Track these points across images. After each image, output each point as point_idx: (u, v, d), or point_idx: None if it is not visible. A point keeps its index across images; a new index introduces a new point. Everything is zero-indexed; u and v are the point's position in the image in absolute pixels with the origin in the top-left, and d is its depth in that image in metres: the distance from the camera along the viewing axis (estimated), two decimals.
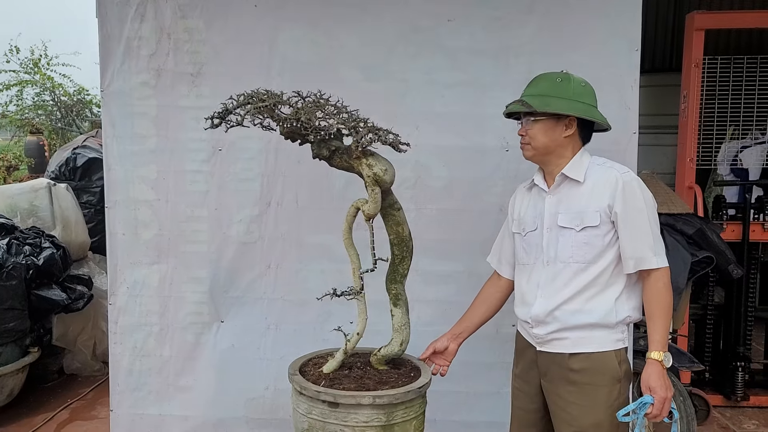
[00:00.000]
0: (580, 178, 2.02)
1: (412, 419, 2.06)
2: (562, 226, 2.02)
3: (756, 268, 4.00)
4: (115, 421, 3.10)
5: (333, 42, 2.89)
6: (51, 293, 4.09)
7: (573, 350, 2.02)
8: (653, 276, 1.97)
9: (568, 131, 2.03)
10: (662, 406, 1.90)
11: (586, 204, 2.00)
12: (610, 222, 1.98)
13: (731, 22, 4.15)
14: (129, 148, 2.98)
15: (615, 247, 2.00)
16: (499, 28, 2.85)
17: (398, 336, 2.21)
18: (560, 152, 2.05)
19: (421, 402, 2.13)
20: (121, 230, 3.02)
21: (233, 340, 3.04)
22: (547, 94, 2.02)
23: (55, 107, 11.06)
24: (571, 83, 2.03)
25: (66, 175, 5.57)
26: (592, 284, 2.00)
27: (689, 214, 3.33)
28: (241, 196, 2.97)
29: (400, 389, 2.03)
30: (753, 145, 4.84)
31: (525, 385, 2.20)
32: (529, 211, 2.14)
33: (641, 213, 1.96)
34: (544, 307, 2.05)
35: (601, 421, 1.99)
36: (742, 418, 3.93)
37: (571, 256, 2.01)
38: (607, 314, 2.00)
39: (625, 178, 1.98)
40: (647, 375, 1.94)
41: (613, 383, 2.01)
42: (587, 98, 2.05)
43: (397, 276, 2.22)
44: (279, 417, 3.00)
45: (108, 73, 2.95)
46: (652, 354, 1.95)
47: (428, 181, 2.92)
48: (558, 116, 2.01)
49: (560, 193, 2.06)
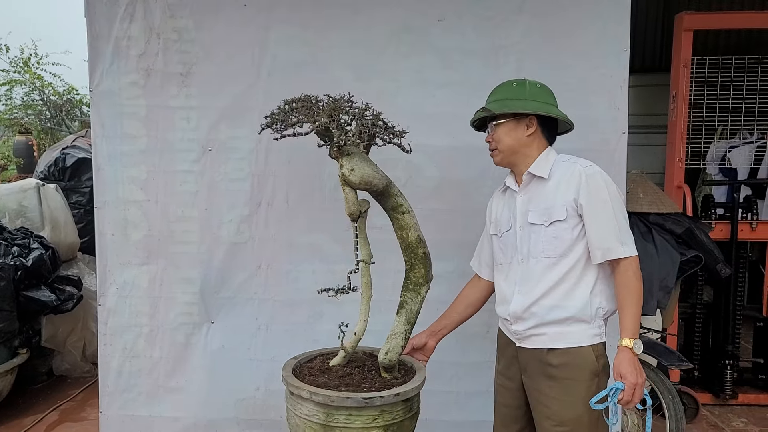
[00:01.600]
0: (545, 174, 2.09)
1: (360, 428, 1.99)
2: (532, 222, 2.09)
3: (744, 267, 4.03)
4: (105, 423, 3.08)
5: (324, 42, 2.89)
6: (40, 294, 4.06)
7: (551, 345, 2.06)
8: (622, 265, 2.01)
9: (529, 130, 2.10)
10: (633, 392, 1.93)
11: (552, 199, 2.06)
12: (578, 215, 2.04)
13: (720, 23, 4.18)
14: (118, 148, 2.97)
15: (584, 240, 2.05)
16: (489, 28, 2.86)
17: (386, 345, 2.17)
18: (525, 152, 2.12)
19: (378, 414, 2.00)
20: (111, 231, 3.01)
21: (224, 341, 3.03)
22: (504, 98, 2.12)
23: (45, 107, 10.98)
24: (527, 86, 2.13)
25: (55, 175, 5.53)
26: (566, 278, 2.05)
27: (678, 214, 3.35)
28: (232, 197, 2.97)
29: (338, 393, 1.97)
30: (741, 145, 4.88)
31: (507, 381, 2.24)
32: (504, 213, 2.22)
33: (605, 204, 2.01)
34: (521, 304, 2.10)
35: (580, 415, 2.03)
36: (731, 416, 3.95)
37: (542, 251, 2.07)
38: (583, 308, 2.04)
39: (588, 171, 2.04)
40: (618, 362, 1.97)
41: (591, 377, 2.04)
42: (544, 97, 2.13)
43: (409, 283, 2.19)
44: (270, 418, 3.00)
45: (97, 72, 2.93)
46: (622, 341, 1.98)
47: (419, 182, 2.92)
48: (518, 117, 2.09)
49: (530, 192, 2.13)
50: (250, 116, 2.91)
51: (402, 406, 2.04)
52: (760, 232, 4.00)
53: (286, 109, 2.04)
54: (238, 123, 2.93)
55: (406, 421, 2.07)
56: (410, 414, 2.09)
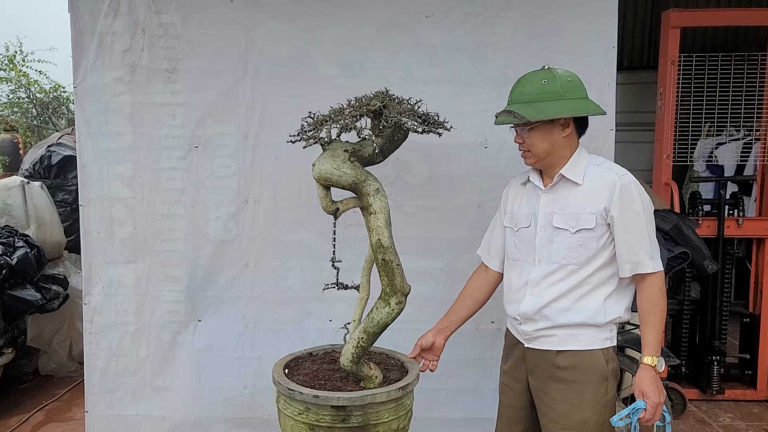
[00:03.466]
0: (579, 179, 1.99)
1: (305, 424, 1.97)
2: (557, 226, 1.99)
3: (731, 264, 4.05)
4: (91, 423, 3.06)
5: (311, 38, 2.87)
6: (25, 293, 4.00)
7: (560, 347, 2.01)
8: (648, 280, 1.96)
9: (566, 131, 1.99)
10: (654, 411, 1.91)
11: (582, 206, 1.97)
12: (606, 224, 1.96)
13: (707, 20, 4.20)
14: (103, 145, 2.94)
15: (609, 249, 1.98)
16: (477, 25, 2.85)
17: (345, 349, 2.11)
18: (560, 153, 2.00)
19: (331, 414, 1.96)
20: (96, 228, 2.98)
21: (211, 339, 3.01)
22: (536, 100, 1.96)
23: (31, 104, 10.87)
24: (558, 81, 1.97)
25: (40, 173, 5.46)
26: (583, 284, 1.99)
27: (666, 210, 3.36)
28: (218, 194, 2.95)
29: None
30: (728, 142, 4.91)
31: (513, 381, 2.18)
32: (522, 207, 2.11)
33: (638, 217, 1.94)
34: (533, 305, 2.03)
35: (587, 419, 1.99)
36: (718, 411, 3.98)
37: (564, 257, 1.98)
38: (596, 314, 1.98)
39: (623, 181, 1.95)
40: (640, 380, 1.94)
41: (600, 381, 2.00)
42: (577, 92, 1.99)
43: (382, 291, 2.06)
44: (257, 416, 2.99)
45: (81, 69, 2.90)
46: (644, 359, 1.94)
47: (407, 179, 2.91)
48: (552, 119, 1.96)
49: (556, 193, 2.03)
50: (237, 113, 2.89)
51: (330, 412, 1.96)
52: (747, 229, 4.02)
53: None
54: (225, 119, 2.91)
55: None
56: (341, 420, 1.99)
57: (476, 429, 2.92)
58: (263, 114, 2.89)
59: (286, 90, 2.87)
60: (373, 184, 2.02)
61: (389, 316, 2.04)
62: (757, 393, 4.13)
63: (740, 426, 3.77)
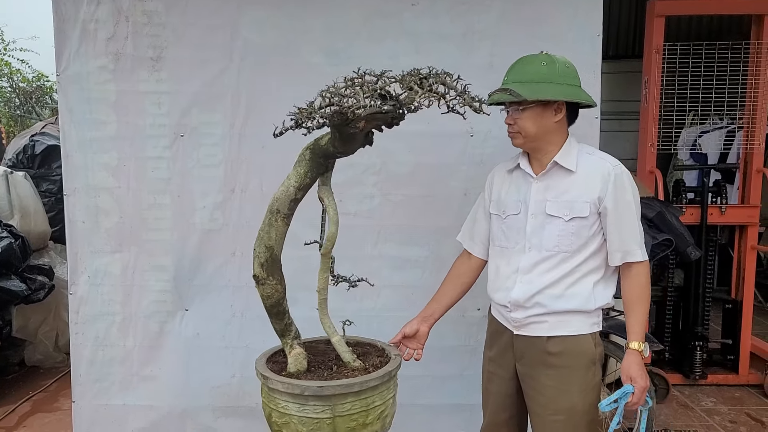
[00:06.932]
0: (573, 167, 2.00)
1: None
2: (550, 214, 2.00)
3: (714, 250, 4.11)
4: (78, 413, 3.05)
5: (297, 25, 2.85)
6: (10, 284, 3.99)
7: (551, 333, 2.03)
8: (635, 269, 2.00)
9: (558, 116, 2.00)
10: (641, 395, 1.95)
11: (577, 194, 1.98)
12: (597, 213, 1.99)
13: (691, 9, 4.22)
14: (88, 134, 2.91)
15: (599, 237, 2.01)
16: (462, 13, 2.85)
17: None
18: (550, 138, 2.01)
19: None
20: (82, 218, 2.95)
21: (198, 329, 3.01)
22: (534, 80, 1.95)
23: (14, 94, 10.74)
24: (557, 66, 1.98)
25: (24, 162, 5.43)
26: (574, 271, 2.01)
27: (650, 198, 3.40)
28: (205, 183, 2.93)
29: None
30: (712, 131, 4.96)
31: (499, 368, 2.19)
32: (511, 194, 2.11)
33: (630, 207, 1.97)
34: (524, 292, 2.04)
35: (575, 403, 2.02)
36: (701, 395, 4.04)
37: (556, 245, 2.00)
38: (586, 300, 2.01)
39: (616, 171, 1.98)
40: (627, 365, 1.98)
41: (588, 366, 2.03)
42: (573, 80, 2.00)
43: None
44: (245, 405, 2.99)
45: (64, 57, 2.86)
46: (631, 344, 1.98)
47: (393, 167, 2.91)
48: (546, 102, 1.97)
49: (549, 180, 2.03)
50: (223, 101, 2.87)
51: None
52: (729, 216, 4.07)
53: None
54: (211, 108, 2.89)
55: None
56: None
57: (462, 415, 2.95)
58: (249, 103, 2.88)
59: (272, 79, 2.86)
60: None
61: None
62: (739, 378, 4.20)
63: (722, 410, 3.83)
